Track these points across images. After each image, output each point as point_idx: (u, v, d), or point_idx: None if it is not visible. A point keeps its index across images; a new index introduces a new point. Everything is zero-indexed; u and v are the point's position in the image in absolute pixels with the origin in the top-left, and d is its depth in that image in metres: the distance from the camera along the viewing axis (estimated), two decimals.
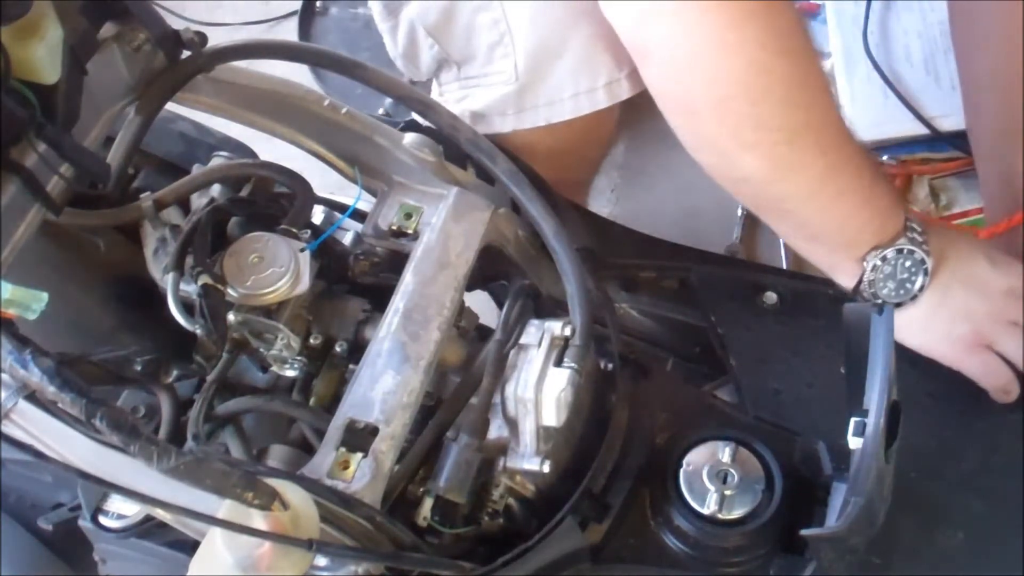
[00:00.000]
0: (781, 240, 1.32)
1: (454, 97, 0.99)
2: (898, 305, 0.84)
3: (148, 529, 0.82)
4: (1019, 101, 0.96)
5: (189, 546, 0.76)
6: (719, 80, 0.77)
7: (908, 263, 0.83)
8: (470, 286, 0.82)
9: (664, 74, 0.81)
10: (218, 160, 0.85)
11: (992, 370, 0.85)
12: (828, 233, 0.84)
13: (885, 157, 1.36)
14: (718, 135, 0.80)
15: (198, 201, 0.82)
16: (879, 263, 0.83)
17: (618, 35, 0.81)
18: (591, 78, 0.92)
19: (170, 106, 0.74)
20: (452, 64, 0.98)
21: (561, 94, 0.93)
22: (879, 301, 0.83)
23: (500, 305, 0.83)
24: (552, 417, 0.73)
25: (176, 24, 0.71)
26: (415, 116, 0.89)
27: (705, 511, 0.77)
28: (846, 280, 0.86)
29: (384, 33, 1.03)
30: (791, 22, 0.77)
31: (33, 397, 0.63)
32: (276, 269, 0.75)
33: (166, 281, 0.75)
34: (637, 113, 0.85)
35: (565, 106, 0.94)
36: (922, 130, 1.33)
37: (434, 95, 1.03)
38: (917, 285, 0.84)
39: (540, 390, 0.73)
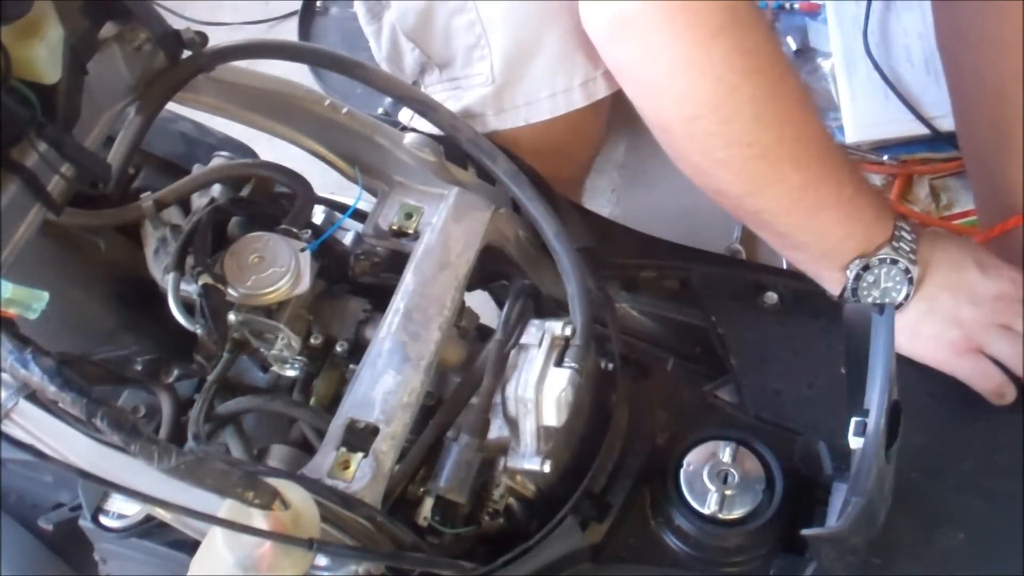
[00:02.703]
0: None
1: (437, 99, 0.99)
2: None
3: (149, 529, 0.82)
4: (1008, 107, 0.96)
5: (189, 546, 0.76)
6: (687, 100, 0.78)
7: (892, 272, 0.83)
8: (470, 286, 0.82)
9: (636, 92, 0.83)
10: (218, 160, 0.85)
11: (984, 373, 0.85)
12: (808, 244, 0.85)
13: (885, 157, 1.36)
14: (690, 151, 0.82)
15: (198, 201, 0.82)
16: (862, 272, 0.83)
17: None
18: (567, 78, 0.92)
19: (171, 106, 0.74)
20: (433, 67, 0.99)
21: (538, 94, 0.94)
22: None
23: (500, 305, 0.83)
24: (552, 417, 0.73)
25: (177, 24, 0.71)
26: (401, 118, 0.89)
27: (706, 511, 0.77)
28: (831, 287, 0.86)
29: (369, 36, 1.03)
30: (761, 39, 0.77)
31: (34, 397, 0.63)
32: (276, 269, 0.75)
33: (166, 281, 0.75)
34: (637, 113, 0.85)
35: (542, 106, 0.94)
36: (922, 130, 1.33)
37: None
38: (902, 294, 0.84)
39: (541, 390, 0.73)
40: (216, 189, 0.82)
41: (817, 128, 0.82)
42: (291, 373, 0.79)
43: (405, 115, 1.00)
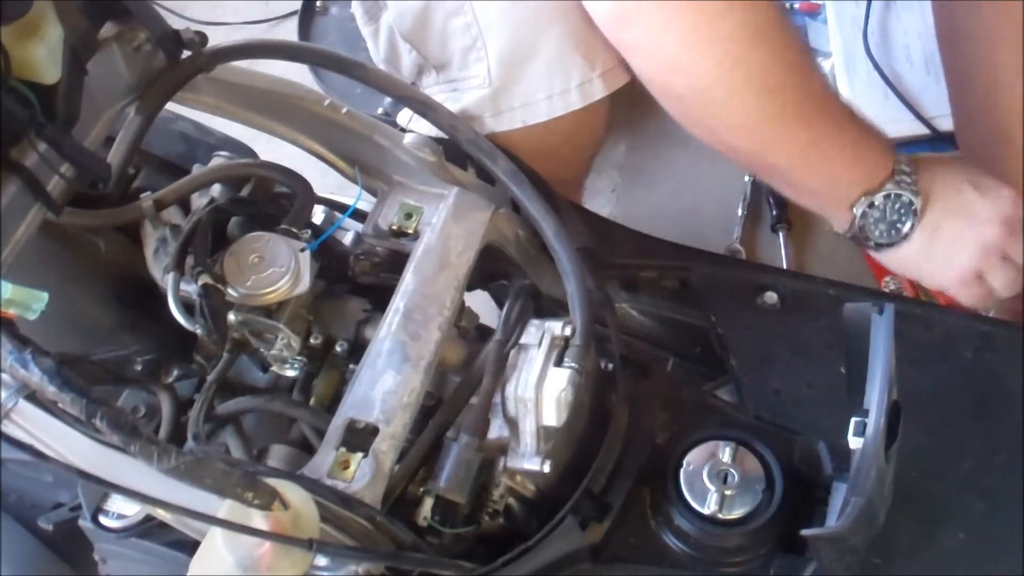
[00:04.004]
0: (781, 240, 1.32)
1: None
2: (891, 245, 0.91)
3: (148, 529, 0.82)
4: (1004, 100, 0.97)
5: (189, 546, 0.76)
6: (696, 74, 0.82)
7: (897, 205, 0.88)
8: (470, 286, 0.82)
9: (645, 68, 0.86)
10: (218, 160, 0.85)
11: (982, 298, 0.93)
12: (818, 190, 0.90)
13: None
14: (702, 118, 0.87)
15: (198, 201, 0.82)
16: (867, 209, 0.88)
17: (600, 30, 0.84)
18: (564, 79, 0.93)
19: (170, 106, 0.74)
20: (431, 68, 0.99)
21: (535, 96, 0.94)
22: (871, 244, 0.91)
23: (500, 305, 0.83)
24: (552, 417, 0.73)
25: (176, 24, 0.71)
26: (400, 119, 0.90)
27: (705, 511, 0.77)
28: (839, 226, 0.91)
29: (367, 37, 1.03)
30: (767, 11, 0.81)
31: (33, 397, 0.63)
32: (276, 269, 0.75)
33: (166, 281, 0.75)
34: (637, 113, 0.85)
35: (539, 108, 0.94)
36: (922, 130, 1.33)
37: None
38: (907, 226, 0.89)
39: (540, 390, 0.73)
40: (216, 189, 0.82)
41: (819, 85, 0.87)
42: (291, 373, 0.79)
43: (405, 116, 0.99)
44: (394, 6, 0.96)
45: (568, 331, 0.76)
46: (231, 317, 0.75)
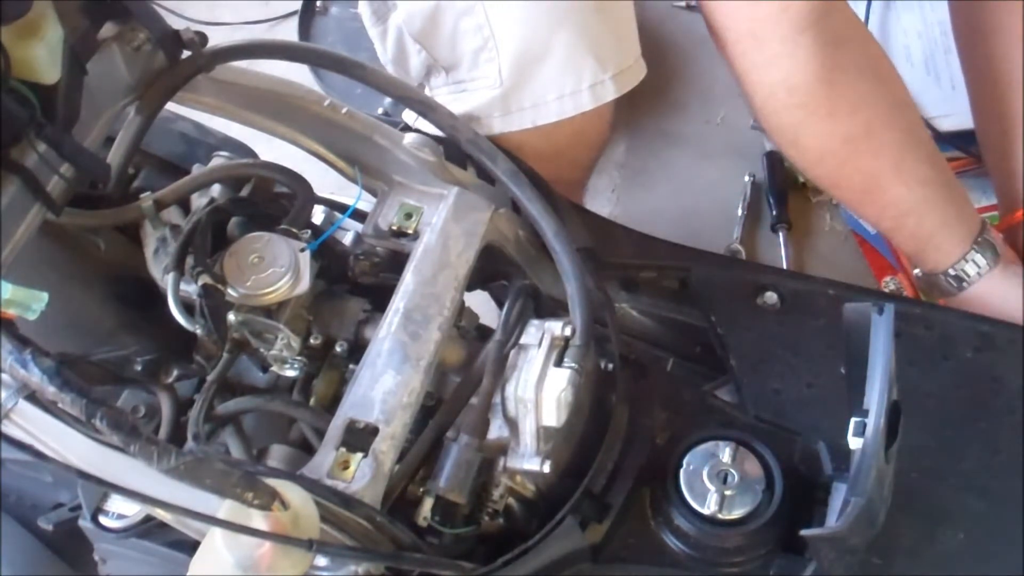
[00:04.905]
0: (781, 240, 1.32)
1: (443, 101, 0.99)
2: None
3: (148, 529, 0.82)
4: (1016, 97, 0.98)
5: (189, 546, 0.76)
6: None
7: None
8: (470, 286, 0.82)
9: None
10: (218, 160, 0.85)
11: None
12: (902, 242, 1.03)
13: None
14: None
15: (198, 201, 0.82)
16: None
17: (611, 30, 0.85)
18: (575, 80, 0.92)
19: (170, 106, 0.74)
20: (440, 69, 0.99)
21: (546, 96, 0.94)
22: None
23: (500, 305, 0.83)
24: (552, 417, 0.73)
25: (176, 24, 0.71)
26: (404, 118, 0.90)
27: (705, 511, 0.77)
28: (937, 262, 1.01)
29: (374, 38, 1.03)
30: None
31: (33, 397, 0.63)
32: (276, 269, 0.75)
33: (166, 281, 0.75)
34: (637, 113, 0.85)
35: (550, 108, 0.94)
36: None
37: None
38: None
39: (540, 390, 0.73)
40: (216, 189, 0.82)
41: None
42: (291, 373, 0.79)
43: (409, 115, 0.99)
44: (404, 7, 0.96)
45: (568, 331, 0.76)
46: (231, 317, 0.75)
